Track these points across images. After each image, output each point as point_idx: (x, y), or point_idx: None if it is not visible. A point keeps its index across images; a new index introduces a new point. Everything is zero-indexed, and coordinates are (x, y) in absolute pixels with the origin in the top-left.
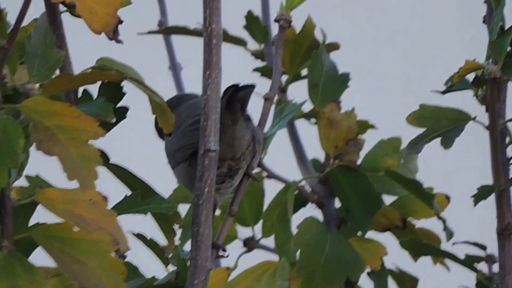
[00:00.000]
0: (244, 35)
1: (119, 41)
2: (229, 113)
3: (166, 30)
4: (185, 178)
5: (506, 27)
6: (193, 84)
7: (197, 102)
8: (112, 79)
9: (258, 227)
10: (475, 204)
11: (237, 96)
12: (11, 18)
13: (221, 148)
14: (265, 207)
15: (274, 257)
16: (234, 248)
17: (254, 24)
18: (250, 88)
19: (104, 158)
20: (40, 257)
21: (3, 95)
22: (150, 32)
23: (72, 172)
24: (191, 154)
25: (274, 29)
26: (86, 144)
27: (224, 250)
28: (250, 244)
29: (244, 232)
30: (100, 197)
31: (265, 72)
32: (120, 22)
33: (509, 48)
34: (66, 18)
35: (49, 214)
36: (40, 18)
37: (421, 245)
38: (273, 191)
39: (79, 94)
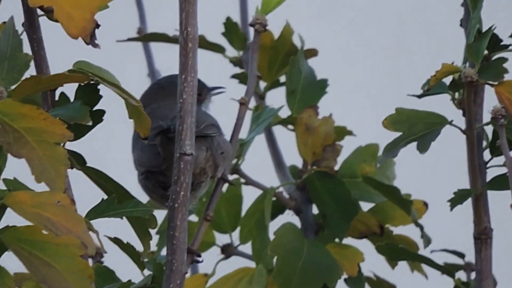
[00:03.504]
0: (223, 41)
1: (96, 46)
2: (170, 145)
3: (145, 37)
4: (143, 189)
5: (483, 30)
6: None
7: (155, 109)
8: (80, 82)
9: (236, 233)
10: (452, 208)
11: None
12: None
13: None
14: (243, 213)
15: (252, 264)
16: (212, 255)
17: (232, 30)
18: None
19: (80, 161)
20: (12, 261)
21: None
22: (129, 39)
23: (40, 174)
24: (144, 171)
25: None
26: (55, 146)
27: (199, 256)
28: (227, 250)
29: (221, 238)
30: (68, 200)
31: (243, 79)
32: (97, 26)
33: (486, 52)
34: (45, 22)
35: (19, 217)
36: (9, 21)
37: (397, 250)
38: (251, 197)
39: (57, 97)
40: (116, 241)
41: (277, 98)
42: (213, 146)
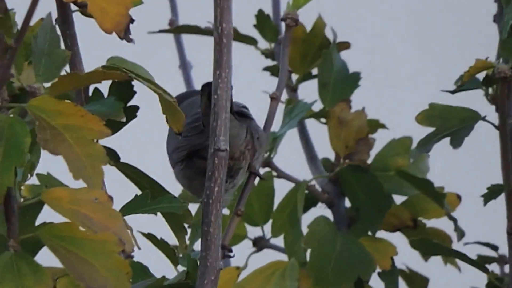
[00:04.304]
0: (255, 34)
1: (130, 40)
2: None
3: (177, 29)
4: (182, 180)
5: None
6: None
7: (194, 100)
8: (117, 78)
9: (268, 226)
10: (485, 204)
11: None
12: (18, 18)
13: None
14: (275, 206)
15: (284, 257)
16: (244, 248)
17: (264, 23)
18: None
19: (114, 157)
20: (46, 257)
21: (10, 94)
22: (160, 31)
23: (77, 171)
24: (186, 155)
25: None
26: (92, 143)
27: (230, 251)
28: (259, 243)
29: (253, 231)
30: (105, 197)
31: (275, 71)
32: (132, 21)
33: None
34: (78, 16)
35: (56, 213)
36: (47, 17)
37: (431, 245)
38: (283, 190)
39: (90, 93)
40: (150, 237)
41: (309, 90)
42: (252, 128)
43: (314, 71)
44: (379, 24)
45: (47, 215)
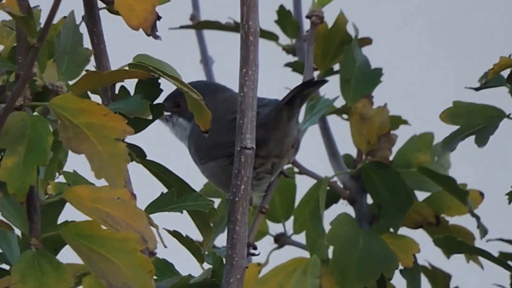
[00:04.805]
0: (276, 29)
1: (156, 37)
2: (288, 109)
3: (198, 25)
4: (221, 176)
5: None
6: (225, 78)
7: (233, 96)
8: (140, 77)
9: (289, 223)
10: (510, 202)
11: (304, 92)
12: (41, 16)
13: (271, 144)
14: (296, 203)
15: (305, 254)
16: (265, 244)
17: (285, 18)
18: (321, 83)
19: (140, 155)
20: (68, 255)
21: (32, 92)
22: (182, 27)
23: (100, 170)
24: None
25: (306, 23)
26: (115, 142)
27: (255, 248)
28: (281, 240)
29: (275, 228)
30: (128, 195)
31: (296, 67)
32: (158, 18)
33: None
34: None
35: (78, 212)
36: (69, 16)
37: (455, 243)
38: (305, 187)
39: (117, 91)
40: (175, 234)
41: (331, 86)
42: (298, 127)
43: (336, 67)
44: (403, 17)
45: (70, 213)
